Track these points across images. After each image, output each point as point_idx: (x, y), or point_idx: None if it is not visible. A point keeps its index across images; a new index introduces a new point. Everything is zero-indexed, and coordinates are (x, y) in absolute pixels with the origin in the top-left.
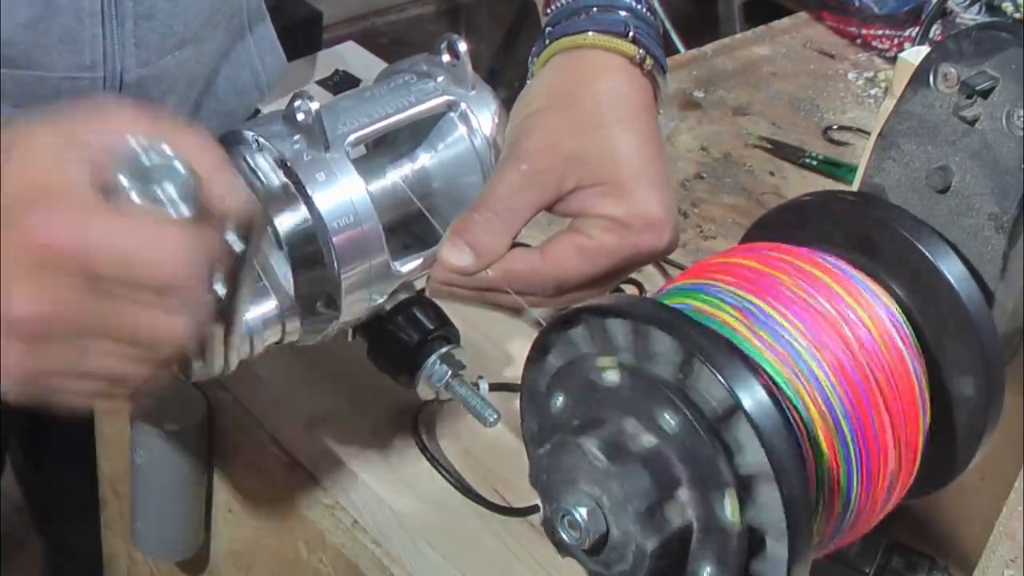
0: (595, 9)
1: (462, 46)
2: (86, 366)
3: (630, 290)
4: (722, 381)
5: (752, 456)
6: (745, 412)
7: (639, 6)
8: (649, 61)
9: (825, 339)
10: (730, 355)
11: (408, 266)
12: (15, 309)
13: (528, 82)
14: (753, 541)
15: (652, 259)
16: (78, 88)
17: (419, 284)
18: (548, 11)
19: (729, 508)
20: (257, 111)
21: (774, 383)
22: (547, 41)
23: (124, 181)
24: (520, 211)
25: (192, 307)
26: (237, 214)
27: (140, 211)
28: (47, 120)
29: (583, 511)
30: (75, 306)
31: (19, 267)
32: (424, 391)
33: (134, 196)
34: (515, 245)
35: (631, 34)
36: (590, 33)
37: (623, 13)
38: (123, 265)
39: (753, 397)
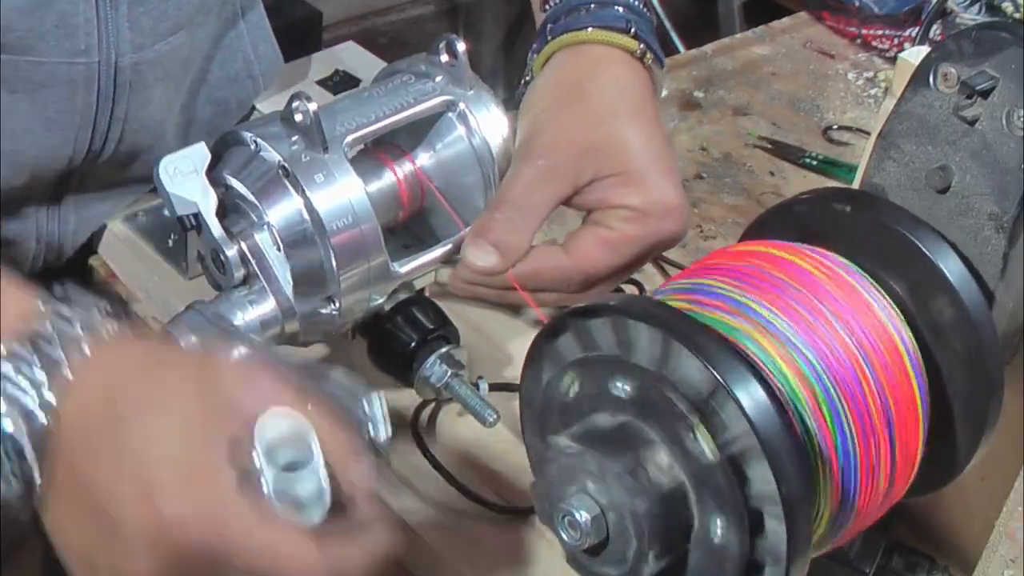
0: (593, 6)
1: (460, 46)
2: None
3: (630, 290)
4: (704, 363)
5: (740, 431)
6: (726, 387)
7: (635, 2)
8: (649, 55)
9: (824, 338)
10: (709, 337)
11: (407, 266)
12: (138, 573)
13: (532, 79)
14: (754, 526)
15: (673, 244)
16: (73, 74)
17: (418, 284)
18: (545, 8)
19: (705, 442)
20: (253, 108)
21: (773, 381)
22: (548, 38)
23: (260, 466)
24: (540, 206)
25: None
26: (367, 498)
27: (273, 512)
28: (181, 365)
29: (585, 514)
30: None
31: (147, 540)
32: (423, 391)
33: (269, 489)
34: None
35: (632, 29)
36: (591, 29)
37: (621, 9)
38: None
39: (736, 374)
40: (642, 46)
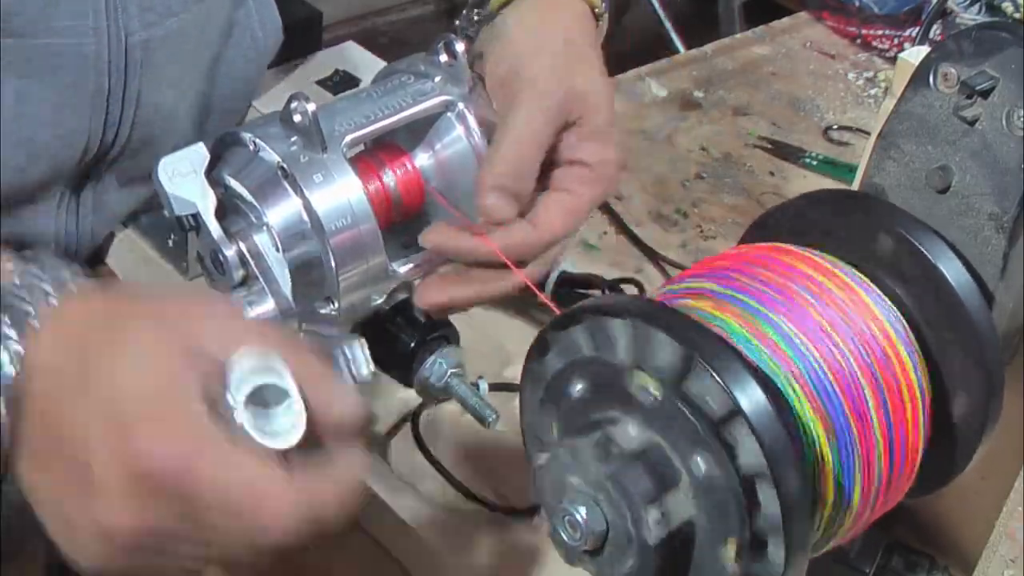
0: None
1: (459, 46)
2: (165, 567)
3: (629, 290)
4: (722, 384)
5: (751, 457)
6: (744, 415)
7: None
8: (600, 6)
9: (824, 340)
10: (729, 357)
11: (406, 266)
12: (111, 518)
13: (486, 17)
14: (756, 543)
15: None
16: (83, 54)
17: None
18: None
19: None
20: (252, 107)
21: (772, 384)
22: None
23: (232, 400)
24: (540, 149)
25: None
26: (348, 427)
27: (248, 443)
28: (150, 310)
29: (582, 510)
30: (170, 529)
31: (120, 478)
32: (423, 391)
33: (243, 422)
34: None
35: None
36: None
37: None
38: (225, 513)
39: (751, 400)
40: (603, 4)
